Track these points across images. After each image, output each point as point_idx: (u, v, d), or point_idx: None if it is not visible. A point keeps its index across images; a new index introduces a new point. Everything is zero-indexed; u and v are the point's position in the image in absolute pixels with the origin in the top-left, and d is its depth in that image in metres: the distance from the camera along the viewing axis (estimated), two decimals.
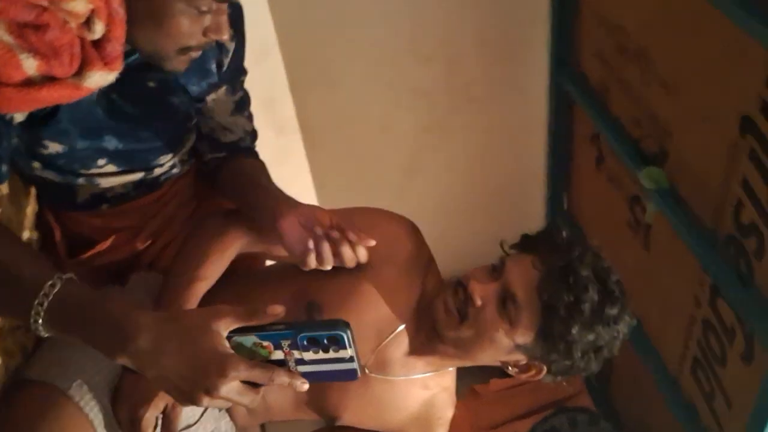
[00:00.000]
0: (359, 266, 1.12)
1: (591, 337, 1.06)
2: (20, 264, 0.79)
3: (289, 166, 2.11)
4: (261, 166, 1.23)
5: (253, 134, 1.25)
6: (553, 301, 1.04)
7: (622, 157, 1.69)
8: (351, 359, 0.81)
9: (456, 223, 2.26)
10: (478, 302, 1.07)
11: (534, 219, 2.31)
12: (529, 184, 2.27)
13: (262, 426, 1.52)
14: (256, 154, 1.26)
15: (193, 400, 0.77)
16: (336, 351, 0.80)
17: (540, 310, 1.05)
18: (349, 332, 0.80)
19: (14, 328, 0.98)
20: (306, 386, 0.81)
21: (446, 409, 1.24)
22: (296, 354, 0.80)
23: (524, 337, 1.07)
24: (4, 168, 0.91)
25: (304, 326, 0.80)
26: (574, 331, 1.04)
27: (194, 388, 0.76)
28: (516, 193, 2.29)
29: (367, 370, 1.14)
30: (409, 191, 2.25)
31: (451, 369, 1.22)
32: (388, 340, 1.14)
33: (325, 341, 0.80)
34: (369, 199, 2.20)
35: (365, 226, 1.16)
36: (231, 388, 0.76)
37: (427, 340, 1.15)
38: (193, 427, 1.13)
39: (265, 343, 0.80)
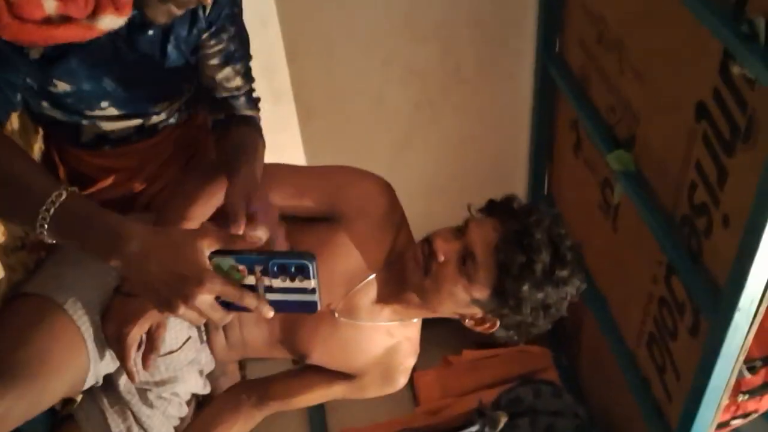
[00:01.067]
0: (336, 218, 1.22)
1: (540, 295, 1.16)
2: (30, 175, 0.88)
3: (283, 135, 2.19)
4: (248, 142, 1.24)
5: (248, 94, 1.28)
6: (507, 260, 1.14)
7: (596, 142, 1.78)
8: (313, 291, 0.90)
9: (441, 198, 2.34)
10: (441, 258, 1.17)
11: None
12: (513, 166, 2.36)
13: (241, 363, 1.61)
14: (249, 120, 1.28)
15: (171, 307, 0.84)
16: (301, 281, 0.89)
17: (496, 269, 1.15)
18: (314, 263, 0.89)
19: (18, 248, 1.07)
20: (271, 313, 0.89)
21: (408, 357, 1.33)
22: (266, 281, 0.89)
23: (480, 292, 1.17)
24: (18, 97, 1.00)
25: (276, 254, 0.90)
26: (525, 288, 1.14)
27: (173, 294, 0.83)
28: (500, 173, 2.38)
29: (336, 314, 1.24)
30: (398, 166, 2.33)
31: (415, 321, 1.32)
32: (357, 287, 1.24)
33: (293, 269, 0.88)
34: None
35: (343, 182, 1.26)
36: (205, 300, 0.84)
37: (394, 290, 1.25)
38: (175, 354, 1.22)
39: (240, 267, 0.88)
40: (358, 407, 2.49)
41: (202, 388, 1.34)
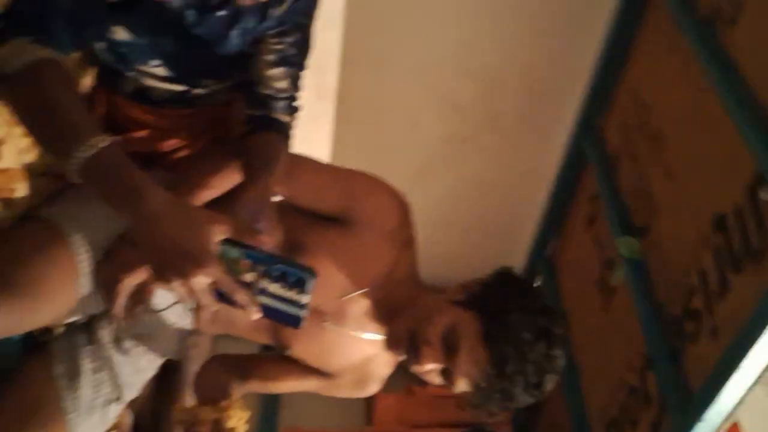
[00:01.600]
0: (346, 222, 1.24)
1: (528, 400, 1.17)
2: (78, 114, 0.91)
3: (316, 129, 2.23)
4: (274, 152, 1.24)
5: (289, 99, 1.28)
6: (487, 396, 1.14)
7: (611, 222, 1.81)
8: (303, 306, 0.92)
9: (446, 232, 2.38)
10: (423, 371, 1.17)
11: (517, 254, 2.44)
12: (522, 222, 2.40)
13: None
14: (281, 126, 1.28)
15: (166, 277, 0.86)
16: (296, 293, 0.91)
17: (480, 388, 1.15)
18: (314, 281, 0.91)
19: (42, 173, 1.10)
20: (257, 316, 0.91)
21: (384, 367, 1.35)
22: (263, 283, 0.90)
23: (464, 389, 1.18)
24: (89, 35, 1.03)
25: (282, 259, 0.92)
26: (511, 404, 1.16)
27: (172, 266, 0.85)
28: (508, 225, 2.42)
29: (325, 318, 1.26)
30: (414, 191, 2.33)
31: None
32: (351, 296, 1.25)
33: (293, 280, 0.91)
34: None
35: (362, 189, 1.27)
36: (200, 282, 0.86)
37: (384, 313, 1.26)
38: (159, 313, 1.25)
39: (244, 262, 0.90)
40: (312, 410, 2.52)
41: (175, 353, 1.36)
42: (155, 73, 1.20)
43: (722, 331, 1.30)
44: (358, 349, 1.31)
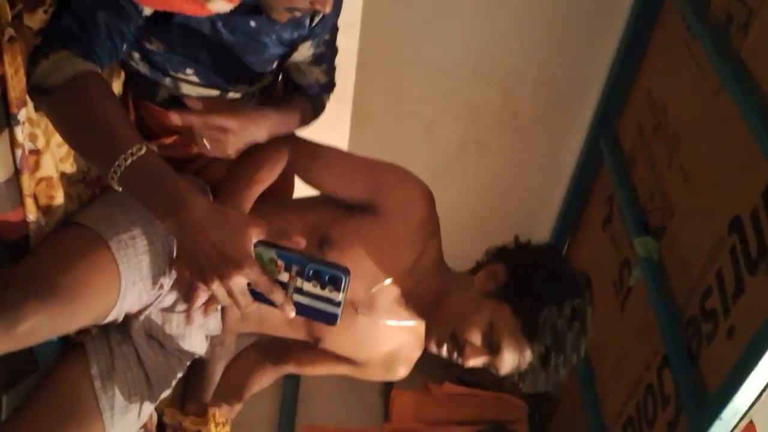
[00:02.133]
0: (374, 212, 1.28)
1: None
2: (119, 123, 0.95)
3: (332, 134, 2.25)
4: (298, 104, 1.36)
5: (326, 86, 1.40)
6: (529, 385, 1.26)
7: (627, 223, 1.84)
8: (338, 304, 0.96)
9: (460, 235, 2.39)
10: (469, 366, 1.24)
11: None
12: (538, 223, 2.42)
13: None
14: (318, 104, 1.41)
15: (206, 280, 0.91)
16: (330, 291, 0.95)
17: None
18: (348, 279, 0.95)
19: (78, 180, 1.14)
20: (293, 314, 0.95)
21: (414, 351, 1.40)
22: (298, 282, 0.95)
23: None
24: (125, 47, 1.07)
25: (315, 259, 0.96)
26: (556, 382, 1.24)
27: (212, 269, 0.90)
28: (525, 225, 2.42)
29: (358, 309, 1.29)
30: None
31: None
32: (382, 285, 1.28)
33: (327, 278, 0.94)
34: None
35: (390, 180, 1.31)
36: (239, 283, 0.91)
37: (415, 301, 1.30)
38: (183, 339, 1.30)
39: (279, 262, 0.94)
40: (330, 407, 2.56)
41: (204, 351, 1.40)
42: (189, 80, 1.24)
43: (739, 330, 1.32)
44: (390, 337, 1.35)
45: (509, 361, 1.21)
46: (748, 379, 1.22)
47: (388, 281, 1.28)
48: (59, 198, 1.07)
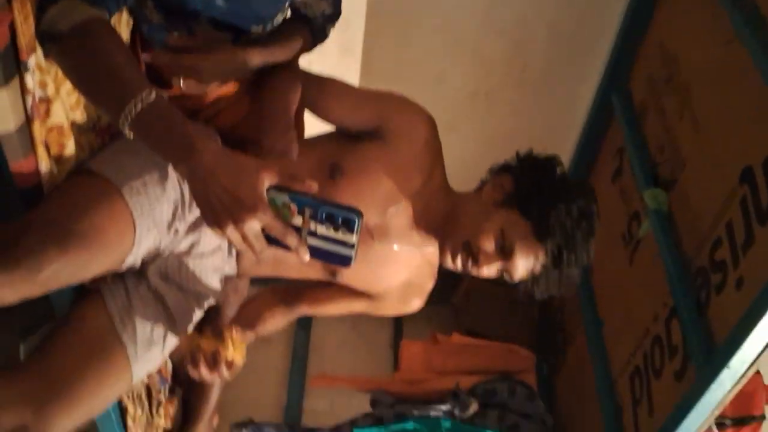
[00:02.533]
0: (380, 137, 1.30)
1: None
2: (127, 69, 0.95)
3: None
4: (291, 32, 1.33)
5: (330, 17, 1.38)
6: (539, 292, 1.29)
7: (637, 175, 1.83)
8: (351, 246, 0.96)
9: (470, 186, 2.40)
10: (483, 275, 1.28)
11: None
12: None
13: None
14: (319, 32, 1.37)
15: (220, 224, 0.91)
16: (344, 234, 0.95)
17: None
18: (361, 221, 0.95)
19: (89, 129, 1.14)
20: (307, 257, 0.95)
21: (427, 280, 1.42)
22: (311, 225, 0.94)
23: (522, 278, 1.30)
24: None
25: (328, 201, 0.95)
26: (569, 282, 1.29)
27: (225, 213, 0.90)
28: None
29: (373, 236, 1.31)
30: None
31: None
32: (394, 209, 1.31)
33: (340, 220, 0.94)
34: None
35: (394, 105, 1.34)
36: (252, 227, 0.90)
37: (427, 223, 1.33)
38: (204, 258, 1.30)
39: (292, 206, 0.94)
40: (340, 356, 2.61)
41: (218, 295, 1.42)
42: (203, 25, 1.22)
43: (747, 281, 1.33)
44: (404, 263, 1.37)
45: (522, 264, 1.25)
46: (755, 328, 1.24)
47: (401, 204, 1.30)
48: (70, 146, 1.08)
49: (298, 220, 0.94)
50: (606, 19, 2.03)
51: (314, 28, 1.37)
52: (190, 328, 1.33)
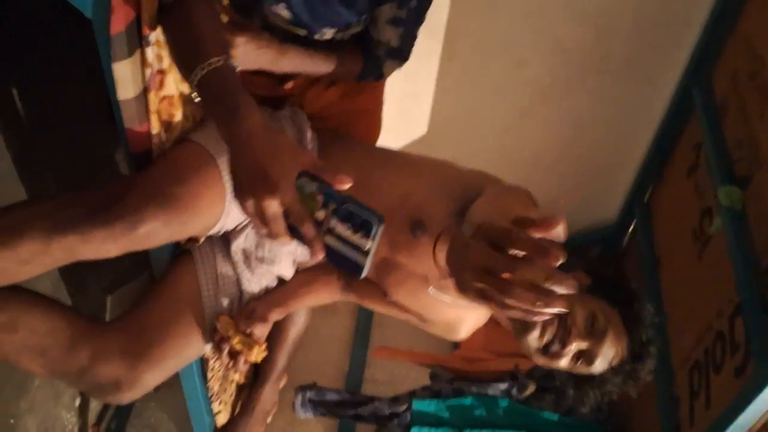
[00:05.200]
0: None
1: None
2: (209, 36, 1.01)
3: (421, 67, 2.29)
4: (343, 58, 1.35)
5: (393, 52, 1.36)
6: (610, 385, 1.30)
7: (713, 171, 1.83)
8: (366, 253, 0.88)
9: (543, 172, 2.43)
10: (564, 354, 1.25)
11: (614, 196, 2.47)
12: (622, 165, 2.42)
13: None
14: (374, 64, 1.37)
15: (243, 196, 0.90)
16: (360, 238, 0.88)
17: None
18: (380, 227, 0.88)
19: (192, 100, 1.23)
20: (321, 254, 0.90)
21: (479, 319, 1.43)
22: (332, 222, 0.89)
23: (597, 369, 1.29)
24: None
25: (354, 200, 0.90)
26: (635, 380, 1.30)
27: (250, 186, 0.89)
28: (608, 167, 2.44)
29: (430, 288, 1.32)
30: (514, 130, 2.41)
31: None
32: None
33: (359, 222, 0.88)
34: (476, 123, 2.40)
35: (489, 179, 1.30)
36: (273, 206, 0.88)
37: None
38: (273, 264, 1.39)
39: (319, 197, 0.90)
40: (402, 330, 2.66)
41: (290, 275, 1.50)
42: (280, 14, 1.29)
43: None
44: (454, 313, 1.38)
45: (608, 348, 1.24)
46: None
47: None
48: (178, 116, 1.17)
49: (321, 214, 0.90)
50: (693, 10, 2.01)
51: (369, 57, 1.36)
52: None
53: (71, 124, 1.75)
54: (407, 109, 2.35)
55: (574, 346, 1.23)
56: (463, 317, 1.40)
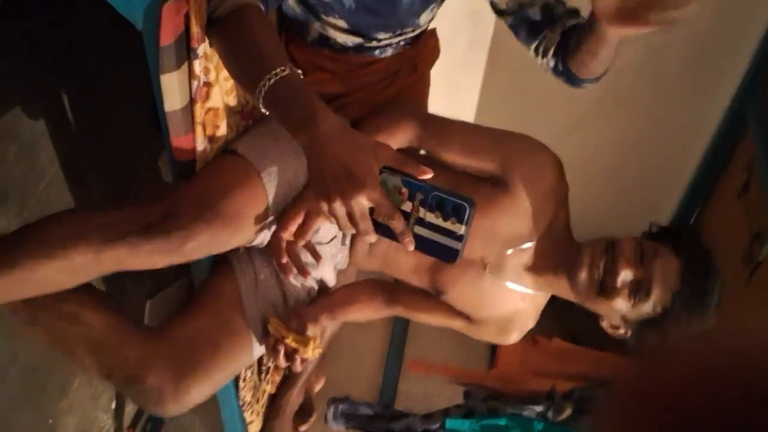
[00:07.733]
0: (503, 182, 1.29)
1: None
2: (269, 47, 1.00)
3: (466, 76, 2.27)
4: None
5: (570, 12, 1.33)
6: (677, 312, 1.22)
7: (765, 192, 1.77)
8: (460, 238, 0.90)
9: (591, 192, 2.38)
10: (618, 285, 1.23)
11: (660, 218, 2.40)
12: (670, 184, 2.36)
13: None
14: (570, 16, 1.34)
15: (329, 197, 0.90)
16: (453, 224, 0.90)
17: (661, 311, 1.23)
18: (472, 210, 0.90)
19: (237, 112, 1.23)
20: (412, 246, 0.92)
21: (528, 321, 1.42)
22: (420, 212, 0.91)
23: (637, 317, 1.26)
24: None
25: (440, 188, 0.92)
26: (678, 332, 1.22)
27: (335, 186, 0.89)
28: (655, 187, 2.38)
29: (487, 268, 1.33)
30: (561, 145, 2.34)
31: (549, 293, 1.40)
32: (513, 250, 1.32)
33: (450, 208, 0.90)
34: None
35: (518, 149, 1.32)
36: (360, 203, 0.89)
37: (549, 266, 1.31)
38: (322, 246, 1.37)
39: (404, 190, 0.91)
40: (438, 345, 2.65)
41: (332, 281, 1.49)
42: (337, 24, 1.29)
43: None
44: (510, 301, 1.37)
45: (661, 277, 1.21)
46: None
47: (520, 247, 1.30)
48: (223, 128, 1.17)
49: (407, 206, 0.92)
50: (750, 27, 1.96)
51: (553, 21, 1.34)
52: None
53: (117, 131, 1.77)
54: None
55: (624, 275, 1.21)
56: (519, 308, 1.38)
